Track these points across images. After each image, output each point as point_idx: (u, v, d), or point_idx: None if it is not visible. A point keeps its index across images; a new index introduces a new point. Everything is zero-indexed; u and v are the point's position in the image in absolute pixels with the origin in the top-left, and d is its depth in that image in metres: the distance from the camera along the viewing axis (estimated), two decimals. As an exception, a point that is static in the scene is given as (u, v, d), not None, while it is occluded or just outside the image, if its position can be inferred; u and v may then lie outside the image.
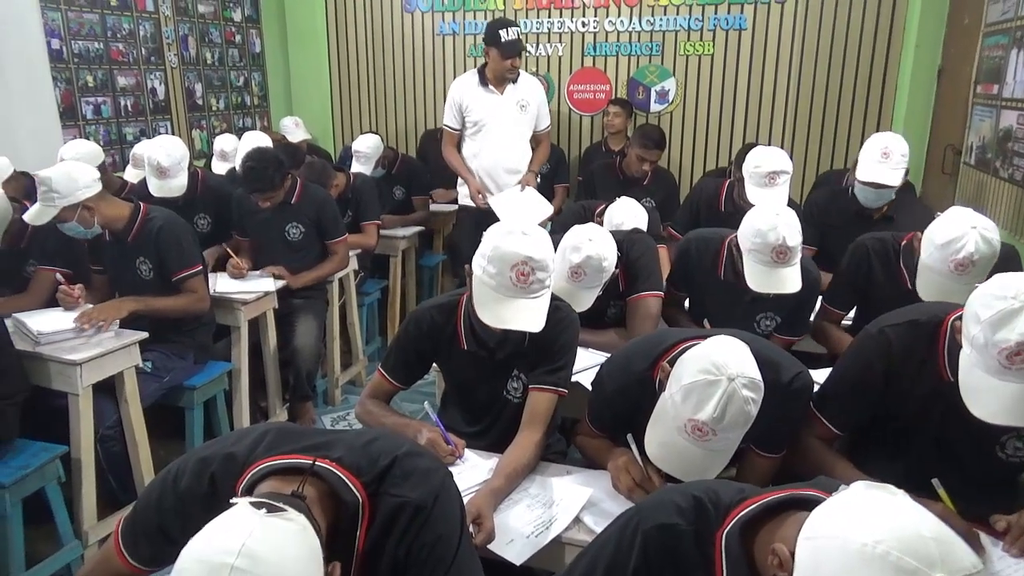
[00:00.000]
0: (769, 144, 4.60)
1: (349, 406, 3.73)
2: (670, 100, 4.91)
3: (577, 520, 1.51)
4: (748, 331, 1.73)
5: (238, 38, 5.20)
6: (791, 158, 2.90)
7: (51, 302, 2.66)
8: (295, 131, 5.12)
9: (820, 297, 2.40)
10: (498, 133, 3.67)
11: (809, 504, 0.96)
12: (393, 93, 5.47)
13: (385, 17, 5.31)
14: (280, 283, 3.19)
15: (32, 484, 2.21)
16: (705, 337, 1.49)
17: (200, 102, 4.89)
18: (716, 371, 1.33)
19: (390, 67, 5.41)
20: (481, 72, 3.67)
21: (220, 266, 3.27)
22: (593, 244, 2.12)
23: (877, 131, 4.49)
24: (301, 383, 3.33)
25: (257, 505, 0.90)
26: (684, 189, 4.69)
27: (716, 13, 4.67)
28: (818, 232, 2.84)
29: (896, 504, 0.85)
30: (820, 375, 1.78)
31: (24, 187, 3.31)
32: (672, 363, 1.48)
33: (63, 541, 2.36)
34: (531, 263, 1.60)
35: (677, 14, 4.73)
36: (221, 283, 3.07)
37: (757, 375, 1.36)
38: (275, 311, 3.22)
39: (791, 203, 2.78)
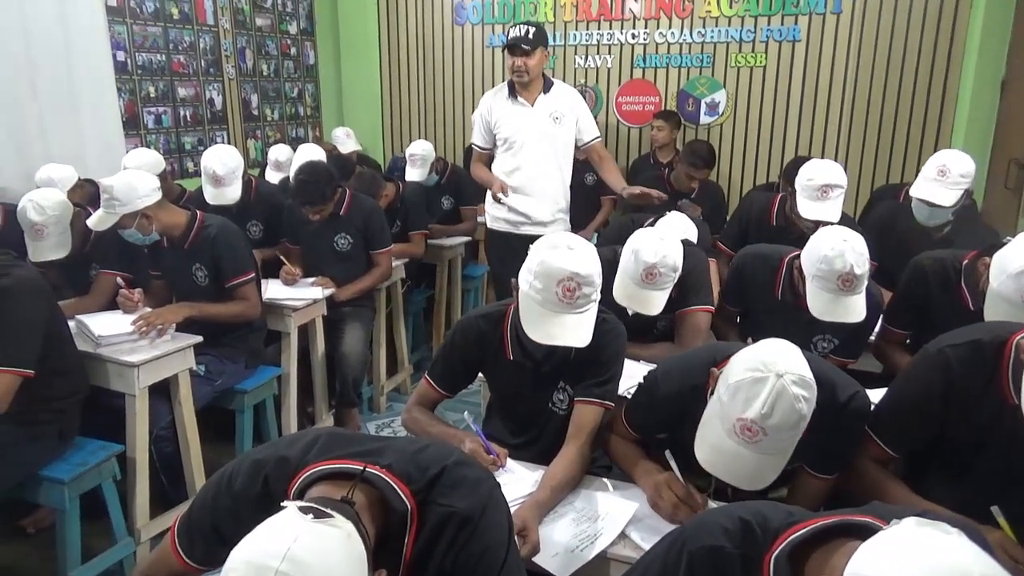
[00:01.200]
0: (822, 158, 4.54)
1: (394, 413, 3.76)
2: (720, 112, 4.85)
3: (623, 535, 1.49)
4: None
5: (293, 50, 5.33)
6: (845, 172, 2.84)
7: (112, 305, 2.75)
8: (346, 142, 5.21)
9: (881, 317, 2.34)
10: (530, 149, 3.31)
11: (862, 531, 0.92)
12: (442, 105, 5.53)
13: (436, 30, 5.38)
14: (328, 291, 3.24)
15: (89, 481, 2.28)
16: None
17: (255, 112, 5.02)
18: (764, 368, 1.31)
19: (439, 79, 5.48)
20: (511, 84, 3.34)
21: (268, 269, 3.33)
22: (666, 244, 2.11)
23: (936, 144, 4.39)
24: (347, 389, 3.38)
25: (305, 510, 0.91)
26: (732, 202, 4.64)
27: (769, 24, 4.61)
28: (877, 246, 2.77)
29: (949, 545, 0.79)
30: (877, 395, 1.73)
31: (89, 194, 3.44)
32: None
33: (117, 537, 2.42)
34: (577, 279, 1.59)
35: (729, 26, 4.68)
36: (272, 289, 3.14)
37: (808, 374, 1.32)
38: (324, 318, 3.27)
39: (846, 219, 2.71)
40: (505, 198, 3.25)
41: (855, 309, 2.03)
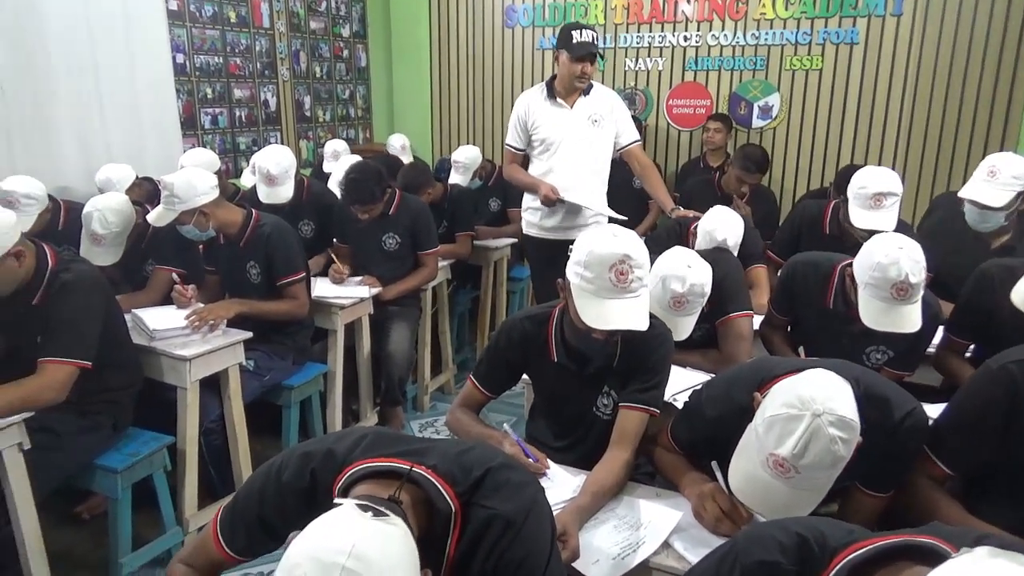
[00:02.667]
0: (879, 164, 4.42)
1: (437, 412, 3.78)
2: (773, 116, 4.76)
3: (666, 545, 1.46)
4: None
5: (346, 53, 5.41)
6: (903, 180, 2.74)
7: (167, 300, 2.82)
8: (400, 153, 5.24)
9: (942, 327, 2.26)
10: (569, 152, 3.21)
11: (924, 553, 0.88)
12: (491, 107, 5.55)
13: (486, 32, 5.40)
14: (375, 290, 3.27)
15: (141, 471, 2.34)
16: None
17: (308, 114, 5.11)
18: (801, 405, 1.26)
19: (489, 81, 5.50)
20: (549, 84, 3.23)
21: (324, 272, 3.38)
22: (694, 271, 2.07)
23: (1001, 151, 4.22)
24: (392, 388, 3.40)
25: (363, 508, 0.92)
26: (784, 208, 4.55)
27: (826, 27, 4.51)
28: (930, 255, 2.68)
29: None
30: (934, 410, 1.67)
31: (147, 192, 3.55)
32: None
33: (166, 526, 2.48)
34: (629, 261, 1.57)
35: (784, 28, 4.59)
36: (320, 287, 3.18)
37: (849, 414, 1.26)
38: (370, 317, 3.30)
39: (903, 226, 2.63)
40: (562, 198, 3.14)
41: (910, 319, 1.96)
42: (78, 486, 2.36)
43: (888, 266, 1.90)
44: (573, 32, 3.06)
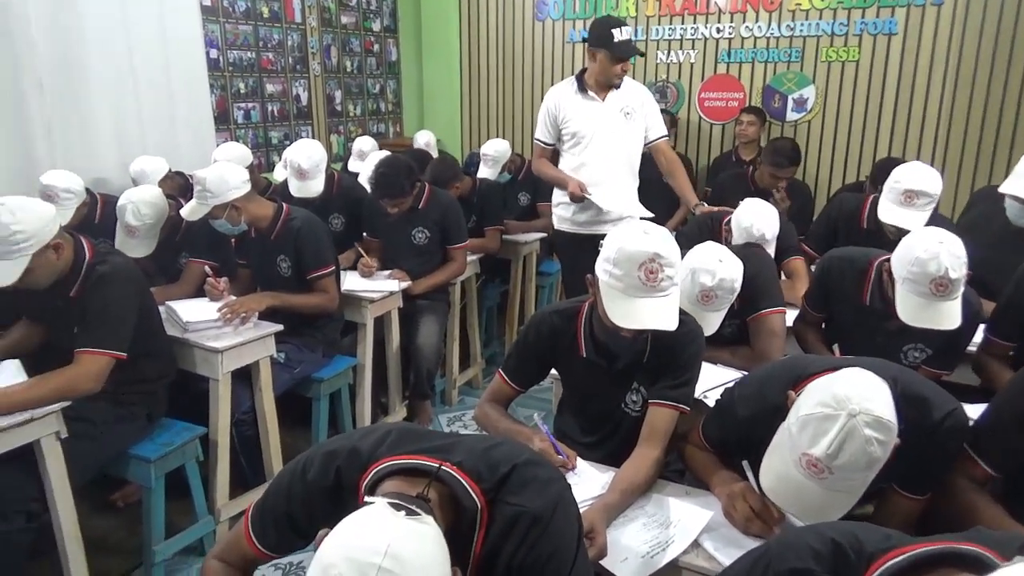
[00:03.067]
0: (918, 158, 4.32)
1: (465, 407, 3.78)
2: (808, 109, 4.67)
3: (696, 544, 1.44)
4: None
5: (376, 47, 5.43)
6: (942, 173, 2.66)
7: (200, 292, 2.86)
8: (426, 150, 5.25)
9: (983, 326, 2.19)
10: (600, 146, 3.17)
11: (967, 561, 0.85)
12: (521, 101, 5.53)
13: (516, 26, 5.38)
14: (404, 284, 3.28)
15: (174, 461, 2.38)
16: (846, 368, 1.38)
17: (339, 108, 5.14)
18: (836, 405, 1.22)
19: (519, 75, 5.48)
20: (580, 78, 3.19)
21: (353, 267, 3.40)
22: (724, 266, 2.04)
23: (1046, 144, 4.10)
24: (421, 381, 3.41)
25: (396, 507, 0.91)
26: (819, 202, 4.47)
27: (864, 17, 4.40)
28: (969, 251, 2.60)
29: None
30: (974, 411, 1.62)
31: (179, 185, 3.59)
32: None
33: (198, 515, 2.52)
34: (659, 260, 1.55)
35: (820, 18, 4.50)
36: (350, 280, 3.20)
37: (887, 414, 1.22)
38: (400, 310, 3.31)
39: (941, 220, 2.55)
40: (588, 195, 3.11)
41: (949, 316, 1.90)
42: (113, 474, 2.41)
43: (928, 261, 1.85)
44: (613, 31, 3.00)
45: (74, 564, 2.13)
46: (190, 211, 2.73)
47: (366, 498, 0.97)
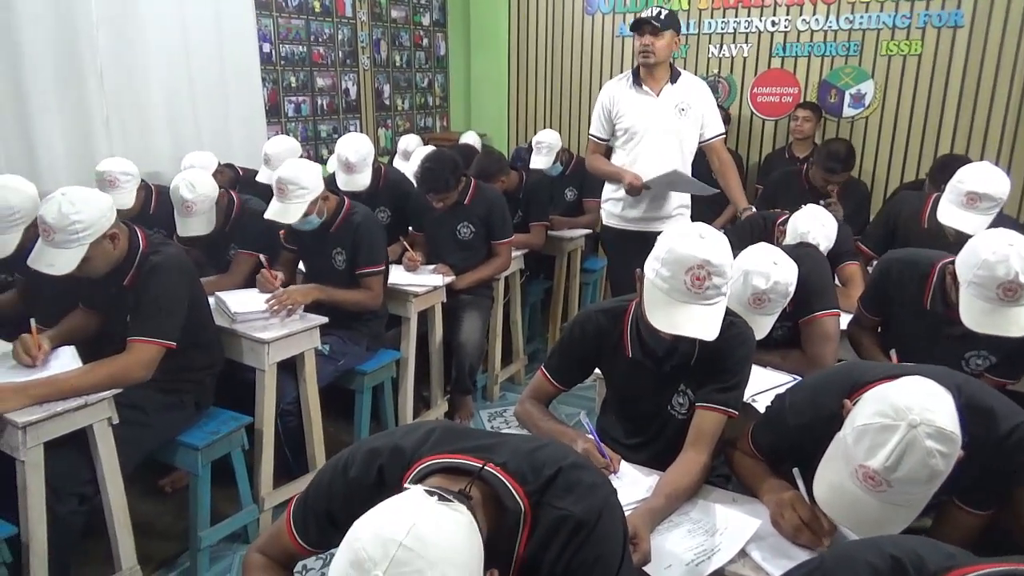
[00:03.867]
0: (982, 156, 4.14)
1: (506, 403, 3.77)
2: (866, 104, 4.52)
3: (743, 553, 1.40)
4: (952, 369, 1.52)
5: (425, 41, 5.44)
6: (1008, 172, 2.54)
7: (249, 283, 2.90)
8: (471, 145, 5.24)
9: None
10: (652, 141, 3.12)
11: None
12: (569, 96, 5.48)
13: (566, 20, 5.33)
14: (449, 279, 3.28)
15: (220, 449, 2.41)
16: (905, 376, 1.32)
17: (387, 102, 5.17)
18: (895, 415, 1.16)
19: (567, 70, 5.43)
20: (635, 72, 3.16)
21: (398, 260, 3.41)
22: (779, 269, 1.98)
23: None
24: (463, 376, 3.41)
25: (430, 492, 0.91)
26: (876, 201, 4.32)
27: (928, 9, 4.23)
28: None
29: None
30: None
31: (229, 178, 3.65)
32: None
33: (242, 504, 2.56)
34: (708, 267, 1.50)
35: (881, 11, 4.34)
36: (395, 275, 3.20)
37: (950, 425, 1.16)
38: (443, 305, 3.31)
39: (1009, 222, 2.43)
40: (644, 185, 3.07)
41: (1017, 322, 1.81)
42: (162, 461, 2.45)
43: (996, 264, 1.76)
44: (641, 13, 3.07)
45: (123, 546, 2.18)
46: (282, 212, 2.69)
47: (406, 485, 0.95)
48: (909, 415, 1.16)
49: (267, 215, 2.74)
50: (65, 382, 1.99)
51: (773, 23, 4.64)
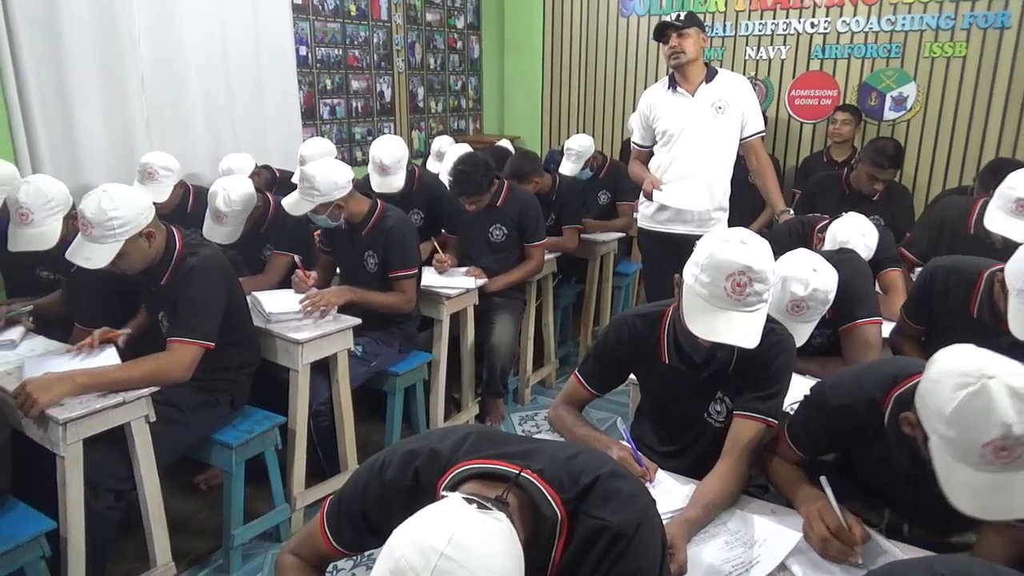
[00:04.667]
0: (1031, 161, 4.02)
1: (538, 406, 3.75)
2: (908, 107, 4.42)
3: (783, 567, 1.36)
4: None
5: (459, 44, 5.45)
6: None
7: (283, 283, 2.92)
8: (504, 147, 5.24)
9: None
10: (688, 141, 3.09)
11: None
12: (603, 98, 5.45)
13: (600, 22, 5.30)
14: (481, 281, 3.27)
15: (254, 448, 2.43)
16: None
17: (421, 104, 5.19)
18: (971, 377, 1.11)
19: (601, 72, 5.40)
20: (671, 77, 3.16)
21: (428, 260, 3.41)
22: (818, 275, 1.93)
23: None
24: (495, 379, 3.40)
25: (469, 500, 0.90)
26: (918, 207, 4.22)
27: (973, 10, 4.13)
28: None
29: None
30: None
31: (266, 179, 3.69)
32: (904, 405, 1.29)
33: (275, 503, 2.57)
34: (749, 273, 1.47)
35: (924, 12, 4.25)
36: (427, 277, 3.20)
37: (1016, 363, 1.12)
38: (475, 307, 3.31)
39: None
40: (658, 193, 3.07)
41: None
42: (197, 458, 2.48)
43: None
44: (664, 17, 3.10)
45: (158, 542, 2.21)
46: (294, 204, 2.76)
47: (442, 492, 0.95)
48: (982, 371, 1.11)
49: (283, 204, 2.81)
50: (107, 375, 2.04)
51: (812, 25, 4.57)
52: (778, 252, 2.01)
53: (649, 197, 3.14)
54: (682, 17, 3.01)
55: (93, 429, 1.96)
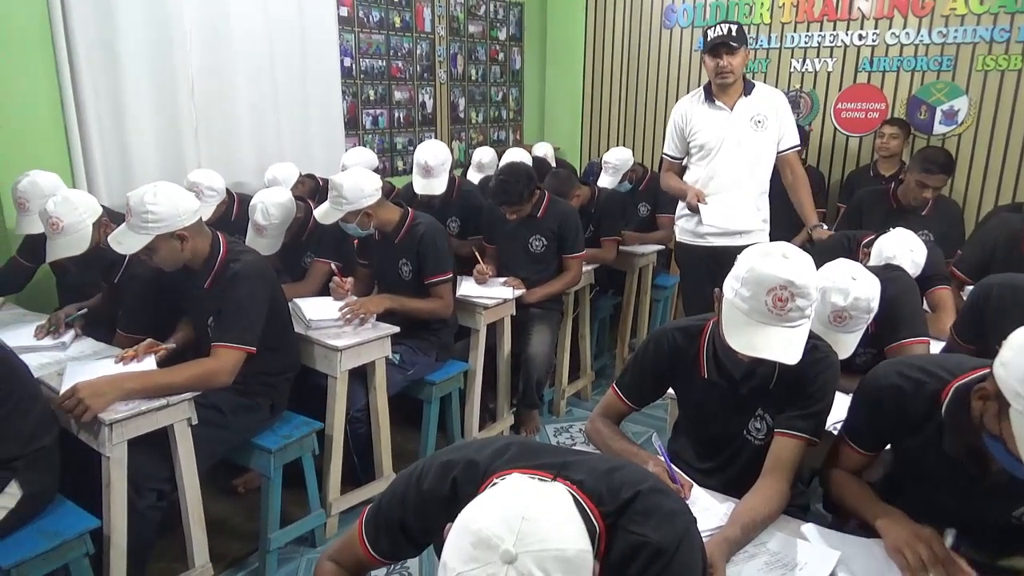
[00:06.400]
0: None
1: (573, 418, 3.73)
2: (959, 121, 4.30)
3: (824, 589, 1.33)
4: None
5: (501, 56, 5.48)
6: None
7: (323, 291, 2.96)
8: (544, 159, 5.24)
9: None
10: (728, 156, 3.07)
11: None
12: (644, 110, 5.42)
13: (643, 33, 5.28)
14: (519, 292, 3.27)
15: (292, 453, 2.46)
16: None
17: (462, 115, 5.22)
18: None
19: (643, 84, 5.37)
20: (707, 88, 3.14)
21: (462, 263, 3.39)
22: (859, 284, 1.89)
23: None
24: (530, 390, 3.39)
25: (530, 476, 0.97)
26: (968, 224, 4.10)
27: (1030, 22, 4.01)
28: None
29: None
30: None
31: (310, 188, 3.74)
32: (965, 393, 1.28)
33: (311, 508, 2.59)
34: (791, 288, 1.44)
35: (978, 24, 4.14)
36: (466, 287, 3.22)
37: None
38: (512, 318, 3.30)
39: None
40: (707, 214, 3.07)
41: None
42: (236, 462, 2.52)
43: None
44: (708, 31, 3.03)
45: (197, 544, 2.24)
46: (323, 214, 2.82)
47: (495, 479, 1.02)
48: None
49: (315, 214, 2.88)
50: (154, 379, 2.08)
51: (860, 37, 4.48)
52: (822, 265, 1.98)
53: (695, 211, 3.11)
54: (734, 33, 2.96)
55: (138, 430, 2.00)
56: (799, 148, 3.21)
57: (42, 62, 3.05)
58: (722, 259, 3.01)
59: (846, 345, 1.93)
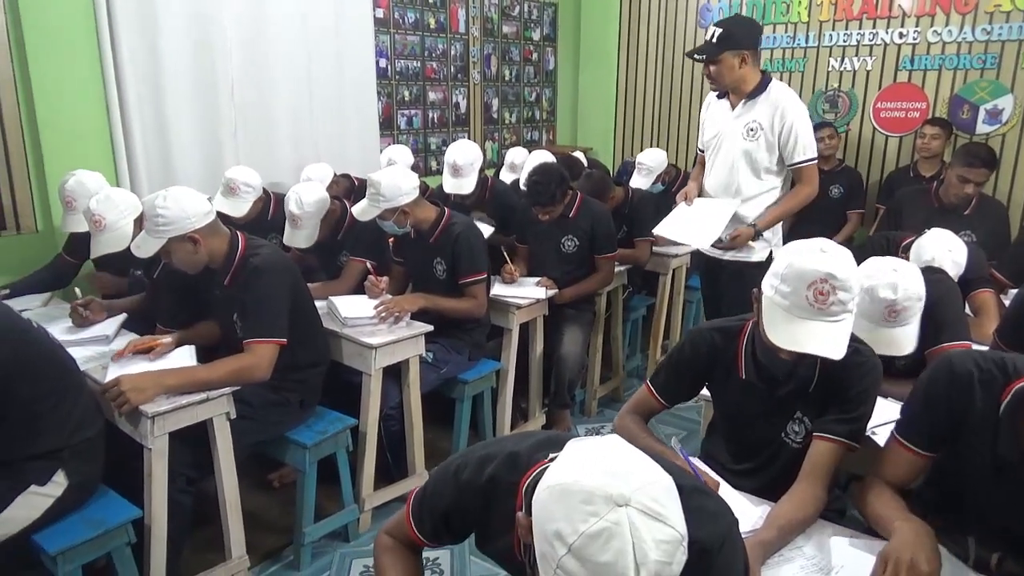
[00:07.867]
0: None
1: (604, 419, 3.71)
2: (1004, 120, 4.21)
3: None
4: None
5: (535, 56, 5.49)
6: None
7: (359, 289, 2.99)
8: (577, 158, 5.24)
9: None
10: (721, 156, 2.95)
11: None
12: (678, 110, 5.39)
13: (678, 33, 5.25)
14: (551, 292, 3.27)
15: (327, 448, 2.49)
16: None
17: (495, 116, 5.24)
18: None
19: (677, 84, 5.34)
20: None
21: (497, 258, 3.33)
22: (902, 275, 1.87)
23: None
24: (562, 390, 3.39)
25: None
26: (1013, 226, 4.01)
27: (1079, 19, 3.91)
28: None
29: None
30: None
31: (344, 188, 3.79)
32: None
33: (344, 503, 2.63)
34: (832, 281, 1.42)
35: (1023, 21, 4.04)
36: (498, 286, 3.23)
37: None
38: (544, 318, 3.31)
39: None
40: (674, 212, 3.03)
41: None
42: (272, 456, 2.56)
43: None
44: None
45: (234, 535, 2.29)
46: (361, 211, 2.86)
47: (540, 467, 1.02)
48: None
49: (352, 210, 2.92)
50: (195, 374, 2.13)
51: (901, 35, 4.40)
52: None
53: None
54: (715, 41, 2.75)
55: (179, 423, 2.05)
56: (812, 162, 2.84)
57: (88, 67, 3.14)
58: (726, 270, 2.98)
59: (908, 338, 1.90)
